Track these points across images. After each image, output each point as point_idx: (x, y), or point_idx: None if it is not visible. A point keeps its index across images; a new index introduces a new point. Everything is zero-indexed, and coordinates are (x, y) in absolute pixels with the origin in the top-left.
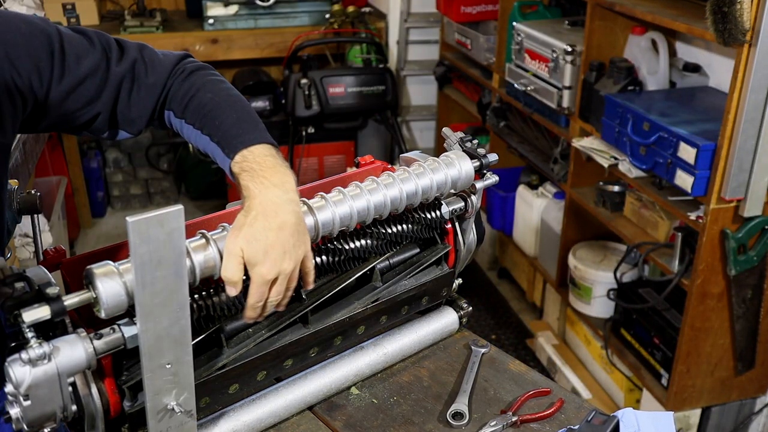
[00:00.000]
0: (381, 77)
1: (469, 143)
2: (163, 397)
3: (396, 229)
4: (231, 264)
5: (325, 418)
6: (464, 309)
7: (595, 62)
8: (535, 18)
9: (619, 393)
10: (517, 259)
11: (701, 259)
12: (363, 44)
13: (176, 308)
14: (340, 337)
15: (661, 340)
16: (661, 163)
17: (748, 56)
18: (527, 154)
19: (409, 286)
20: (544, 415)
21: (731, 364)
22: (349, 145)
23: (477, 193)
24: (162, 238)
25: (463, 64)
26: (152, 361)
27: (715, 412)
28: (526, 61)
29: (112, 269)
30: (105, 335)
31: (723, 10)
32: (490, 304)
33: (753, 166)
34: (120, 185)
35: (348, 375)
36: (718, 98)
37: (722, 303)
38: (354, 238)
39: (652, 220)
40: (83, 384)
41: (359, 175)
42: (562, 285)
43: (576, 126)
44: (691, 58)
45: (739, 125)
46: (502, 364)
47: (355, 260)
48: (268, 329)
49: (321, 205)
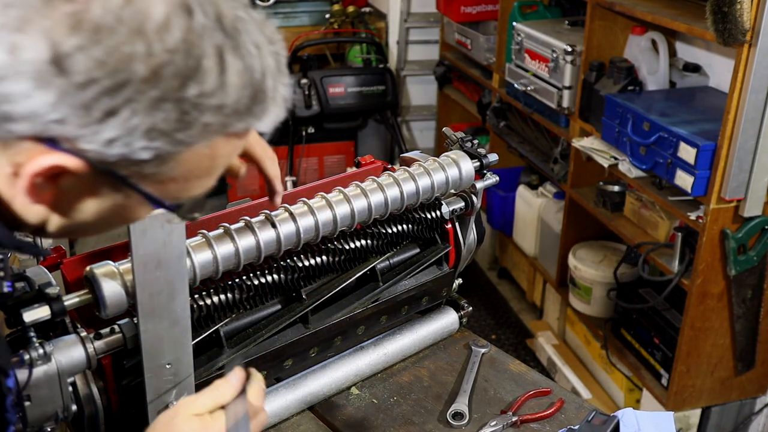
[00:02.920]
0: (381, 77)
1: (470, 143)
2: (163, 397)
3: (396, 230)
4: None
5: (325, 418)
6: (464, 309)
7: (595, 62)
8: (535, 18)
9: (619, 393)
10: (517, 259)
11: (701, 259)
12: (363, 44)
13: (176, 308)
14: (340, 337)
15: (661, 340)
16: (661, 163)
17: (748, 56)
18: (527, 154)
19: (409, 286)
20: (544, 415)
21: (731, 364)
22: (349, 145)
23: (477, 193)
24: (162, 238)
25: (463, 64)
26: (152, 361)
27: (715, 412)
28: (526, 61)
29: (112, 269)
30: (105, 335)
31: (723, 10)
32: (490, 304)
33: (753, 166)
34: None
35: (348, 375)
36: (718, 98)
37: (722, 303)
38: (354, 239)
39: (652, 220)
40: (83, 384)
41: (359, 175)
42: (562, 285)
43: (576, 126)
44: (691, 58)
45: (739, 125)
46: (502, 364)
47: (355, 260)
48: (268, 329)
49: (321, 205)
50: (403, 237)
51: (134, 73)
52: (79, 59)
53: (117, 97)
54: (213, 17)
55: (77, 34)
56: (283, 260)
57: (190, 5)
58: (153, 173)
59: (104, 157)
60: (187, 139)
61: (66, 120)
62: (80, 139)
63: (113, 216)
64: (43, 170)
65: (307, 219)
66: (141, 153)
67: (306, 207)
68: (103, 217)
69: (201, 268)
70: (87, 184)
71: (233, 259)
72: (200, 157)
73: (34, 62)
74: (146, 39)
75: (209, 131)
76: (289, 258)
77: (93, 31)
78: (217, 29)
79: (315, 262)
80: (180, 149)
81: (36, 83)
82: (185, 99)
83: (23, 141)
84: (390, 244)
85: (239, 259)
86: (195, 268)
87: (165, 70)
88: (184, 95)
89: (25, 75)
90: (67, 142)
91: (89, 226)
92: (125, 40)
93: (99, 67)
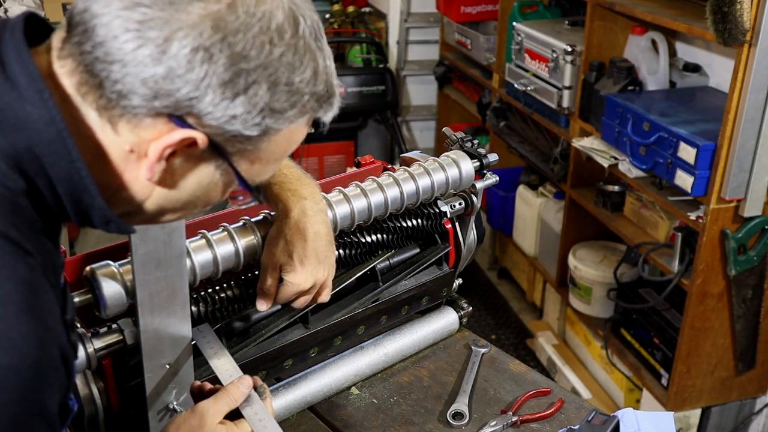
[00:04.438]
0: (381, 77)
1: (470, 143)
2: (163, 397)
3: (396, 227)
4: (268, 277)
5: (325, 418)
6: (464, 309)
7: (595, 62)
8: (535, 18)
9: (619, 393)
10: (517, 259)
11: (701, 259)
12: (363, 44)
13: (176, 308)
14: (340, 337)
15: (661, 340)
16: (661, 163)
17: (748, 56)
18: (527, 154)
19: (409, 286)
20: (544, 415)
21: (731, 364)
22: (349, 145)
23: (477, 193)
24: (162, 238)
25: (463, 64)
26: (152, 361)
27: (715, 412)
28: (526, 61)
29: (112, 269)
30: (105, 335)
31: (723, 10)
32: (490, 304)
33: (753, 166)
34: None
35: (348, 375)
36: (718, 98)
37: (722, 303)
38: (354, 238)
39: (652, 220)
40: (83, 384)
41: (359, 175)
42: (562, 285)
43: (576, 126)
44: (691, 58)
45: (739, 125)
46: (502, 364)
47: (355, 260)
48: (268, 329)
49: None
50: (404, 237)
51: (261, 60)
52: (222, 48)
53: (248, 78)
54: (310, 25)
55: (220, 31)
56: None
57: (297, 15)
58: (251, 150)
59: (223, 132)
60: (291, 117)
61: (202, 97)
62: (208, 115)
63: (203, 195)
64: (175, 143)
65: None
66: (252, 129)
67: None
68: (196, 195)
69: (201, 268)
70: (195, 161)
71: (233, 259)
72: (285, 138)
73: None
74: (270, 35)
75: (303, 112)
76: None
77: (234, 30)
78: (311, 34)
79: None
80: (282, 127)
81: (187, 65)
82: (293, 83)
83: (154, 118)
84: (390, 245)
85: (239, 259)
86: (195, 268)
87: (282, 60)
88: (293, 80)
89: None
90: (193, 118)
91: (179, 206)
92: (257, 33)
93: (237, 54)
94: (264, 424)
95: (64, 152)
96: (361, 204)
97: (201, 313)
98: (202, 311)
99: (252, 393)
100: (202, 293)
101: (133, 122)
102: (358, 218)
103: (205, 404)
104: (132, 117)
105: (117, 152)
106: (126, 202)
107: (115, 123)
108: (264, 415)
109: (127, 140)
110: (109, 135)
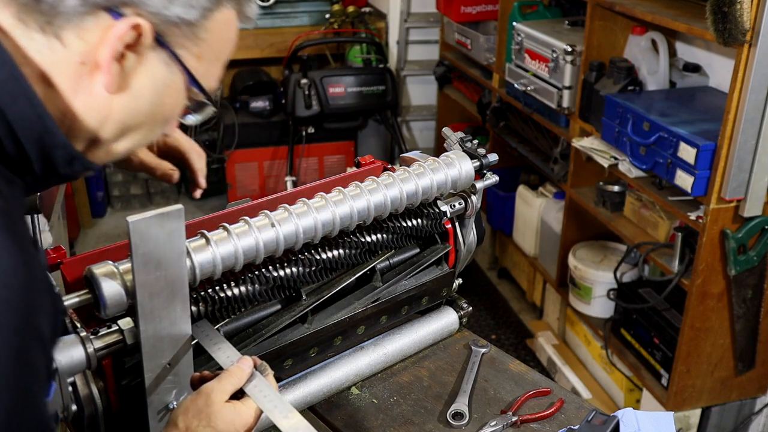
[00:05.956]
0: (381, 77)
1: (469, 143)
2: (163, 397)
3: (397, 227)
4: None
5: (325, 418)
6: (464, 309)
7: (595, 62)
8: (535, 18)
9: (619, 393)
10: (517, 259)
11: (701, 259)
12: (363, 44)
13: (176, 308)
14: (340, 337)
15: (661, 340)
16: (661, 163)
17: (748, 56)
18: (527, 154)
19: (409, 286)
20: (544, 415)
21: (731, 364)
22: (349, 145)
23: (477, 193)
24: (162, 238)
25: (463, 64)
26: (152, 361)
27: (715, 412)
28: (526, 61)
29: (112, 269)
30: (105, 335)
31: (723, 10)
32: (490, 304)
33: (753, 166)
34: (120, 185)
35: (348, 375)
36: (718, 98)
37: (722, 303)
38: (354, 238)
39: (652, 220)
40: (83, 384)
41: (359, 175)
42: (562, 285)
43: (576, 126)
44: (691, 58)
45: (739, 125)
46: (502, 364)
47: (355, 260)
48: (268, 329)
49: (321, 205)
50: (403, 237)
51: None
52: None
53: None
54: None
55: None
56: (282, 259)
57: None
58: (194, 42)
59: (164, 20)
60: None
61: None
62: (145, 2)
63: (160, 101)
64: (122, 33)
65: (306, 219)
66: (190, 12)
67: (305, 207)
68: (154, 102)
69: (201, 268)
70: (144, 56)
71: (233, 259)
72: (221, 29)
73: None
74: None
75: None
76: (288, 257)
77: None
78: None
79: (315, 260)
80: (215, 6)
81: None
82: None
83: (95, 15)
84: (390, 244)
85: (239, 259)
86: (195, 268)
87: None
88: None
89: None
90: (132, 8)
91: (140, 120)
92: None
93: None
94: (269, 399)
95: (19, 92)
96: (362, 204)
97: (201, 313)
98: (202, 311)
99: (254, 372)
100: (202, 293)
101: (76, 29)
102: (358, 218)
103: (209, 385)
104: (74, 23)
105: (69, 70)
106: (84, 131)
107: (60, 36)
108: (268, 390)
109: (76, 51)
110: (58, 52)
